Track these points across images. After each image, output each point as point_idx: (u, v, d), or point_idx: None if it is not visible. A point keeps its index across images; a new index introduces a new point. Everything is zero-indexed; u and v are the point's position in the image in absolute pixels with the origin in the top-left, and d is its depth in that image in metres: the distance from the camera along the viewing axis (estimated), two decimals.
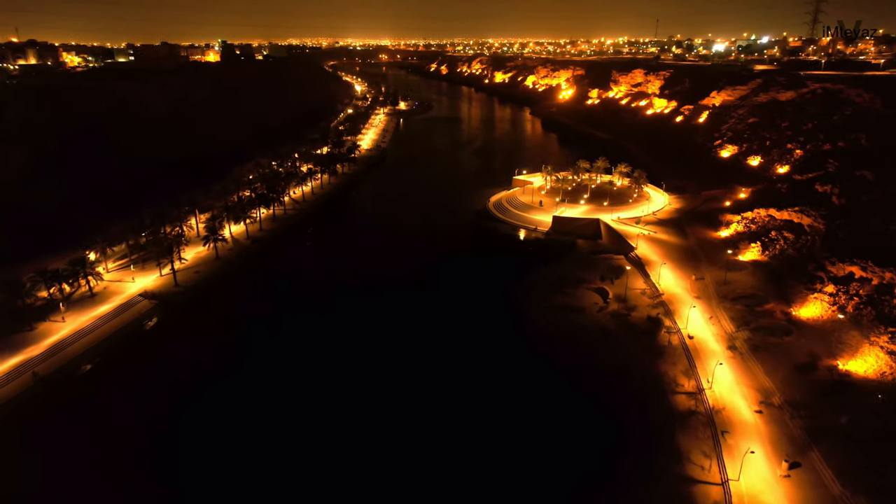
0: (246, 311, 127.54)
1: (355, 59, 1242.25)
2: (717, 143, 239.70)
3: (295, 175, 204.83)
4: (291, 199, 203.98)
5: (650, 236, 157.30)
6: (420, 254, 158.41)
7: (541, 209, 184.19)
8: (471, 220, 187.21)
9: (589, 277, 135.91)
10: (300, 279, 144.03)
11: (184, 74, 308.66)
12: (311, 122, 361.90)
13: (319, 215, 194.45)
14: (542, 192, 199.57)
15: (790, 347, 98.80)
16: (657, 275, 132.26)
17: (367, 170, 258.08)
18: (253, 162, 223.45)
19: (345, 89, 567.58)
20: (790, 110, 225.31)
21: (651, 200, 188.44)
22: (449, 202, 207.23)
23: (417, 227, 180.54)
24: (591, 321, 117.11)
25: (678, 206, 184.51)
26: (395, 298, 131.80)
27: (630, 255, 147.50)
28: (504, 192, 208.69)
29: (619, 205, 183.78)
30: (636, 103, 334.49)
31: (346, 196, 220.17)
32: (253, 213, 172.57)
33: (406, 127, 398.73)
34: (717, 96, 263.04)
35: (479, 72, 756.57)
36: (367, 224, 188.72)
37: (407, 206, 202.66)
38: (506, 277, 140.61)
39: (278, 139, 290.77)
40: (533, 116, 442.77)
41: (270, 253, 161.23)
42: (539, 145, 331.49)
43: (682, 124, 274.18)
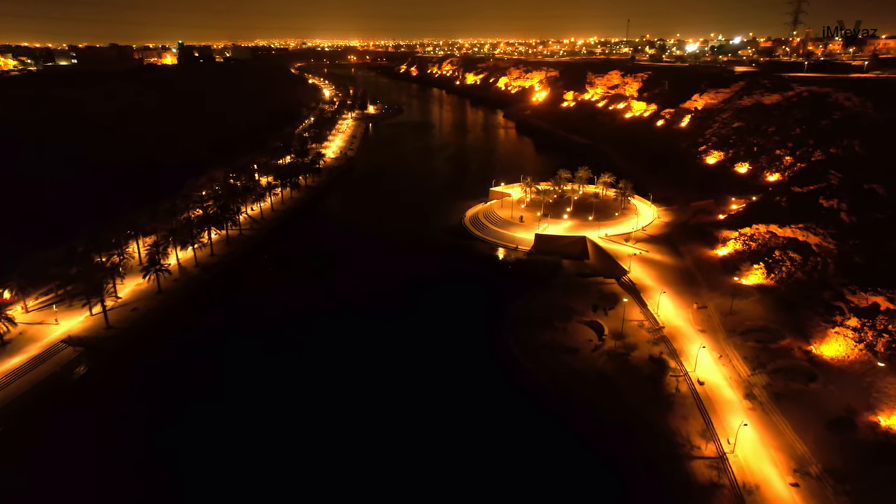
0: (190, 354, 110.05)
1: (323, 61, 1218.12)
2: (702, 148, 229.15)
3: (252, 190, 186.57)
4: (249, 216, 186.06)
5: (642, 256, 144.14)
6: (391, 284, 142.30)
7: (521, 225, 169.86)
8: (445, 238, 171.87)
9: (579, 307, 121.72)
10: (253, 316, 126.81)
11: (133, 78, 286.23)
12: (275, 128, 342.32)
13: (279, 236, 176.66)
14: (521, 205, 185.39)
15: (818, 397, 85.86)
16: (655, 303, 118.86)
17: (332, 181, 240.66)
18: (207, 175, 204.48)
19: (311, 92, 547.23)
20: (776, 114, 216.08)
21: (638, 214, 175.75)
22: (421, 218, 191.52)
23: (387, 250, 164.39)
24: (586, 363, 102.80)
25: (667, 220, 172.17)
26: (363, 337, 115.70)
27: (623, 279, 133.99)
28: (481, 206, 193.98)
29: (604, 219, 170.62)
30: (614, 106, 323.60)
31: (309, 212, 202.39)
32: (203, 237, 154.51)
33: (375, 132, 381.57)
34: (699, 99, 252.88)
35: (449, 73, 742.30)
36: (330, 245, 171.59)
37: (375, 224, 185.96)
38: (486, 308, 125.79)
39: (238, 148, 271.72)
40: (506, 120, 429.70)
41: (223, 283, 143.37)
42: (514, 151, 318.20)
43: (663, 129, 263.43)
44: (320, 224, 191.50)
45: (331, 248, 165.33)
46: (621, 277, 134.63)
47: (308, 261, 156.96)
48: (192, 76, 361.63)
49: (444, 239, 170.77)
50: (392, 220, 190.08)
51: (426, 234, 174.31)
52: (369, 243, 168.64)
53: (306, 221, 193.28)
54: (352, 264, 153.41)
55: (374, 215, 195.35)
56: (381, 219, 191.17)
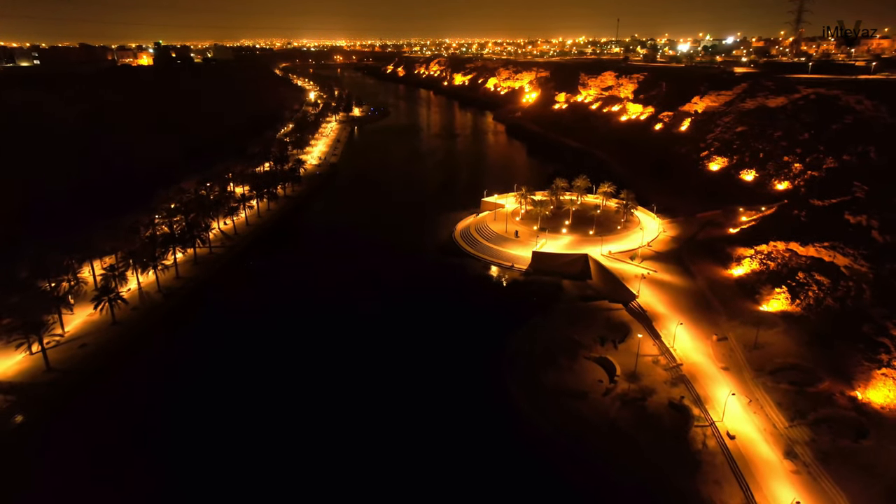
0: (144, 397, 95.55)
1: (309, 61, 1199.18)
2: (704, 154, 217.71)
3: (224, 203, 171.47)
4: (222, 231, 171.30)
5: (650, 276, 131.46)
6: (375, 312, 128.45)
7: (517, 241, 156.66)
8: (434, 255, 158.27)
9: (586, 340, 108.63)
10: (219, 349, 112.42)
11: (102, 81, 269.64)
12: (255, 132, 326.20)
13: (252, 254, 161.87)
14: (516, 217, 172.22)
15: (873, 458, 73.41)
16: (670, 335, 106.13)
17: (314, 190, 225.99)
18: (178, 185, 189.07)
19: (295, 94, 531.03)
20: (782, 118, 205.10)
21: (642, 227, 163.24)
22: (408, 232, 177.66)
23: (372, 271, 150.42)
24: (598, 411, 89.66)
25: (673, 234, 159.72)
26: (342, 376, 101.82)
27: (631, 304, 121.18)
28: (472, 218, 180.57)
29: (606, 233, 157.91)
30: (608, 108, 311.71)
31: (287, 226, 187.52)
32: (168, 258, 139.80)
33: (361, 136, 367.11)
34: (699, 102, 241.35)
35: (437, 73, 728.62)
36: (307, 265, 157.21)
37: (358, 241, 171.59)
38: (481, 340, 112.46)
39: (215, 154, 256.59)
40: (496, 122, 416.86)
41: (187, 310, 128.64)
42: (506, 156, 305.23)
43: (662, 133, 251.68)
44: (297, 240, 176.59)
45: (308, 270, 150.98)
46: (629, 302, 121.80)
47: (282, 286, 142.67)
48: (168, 78, 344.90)
49: (434, 256, 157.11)
50: (377, 234, 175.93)
51: (414, 251, 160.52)
52: (352, 264, 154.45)
53: (283, 238, 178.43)
54: (331, 288, 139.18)
55: (357, 229, 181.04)
56: (366, 234, 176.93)
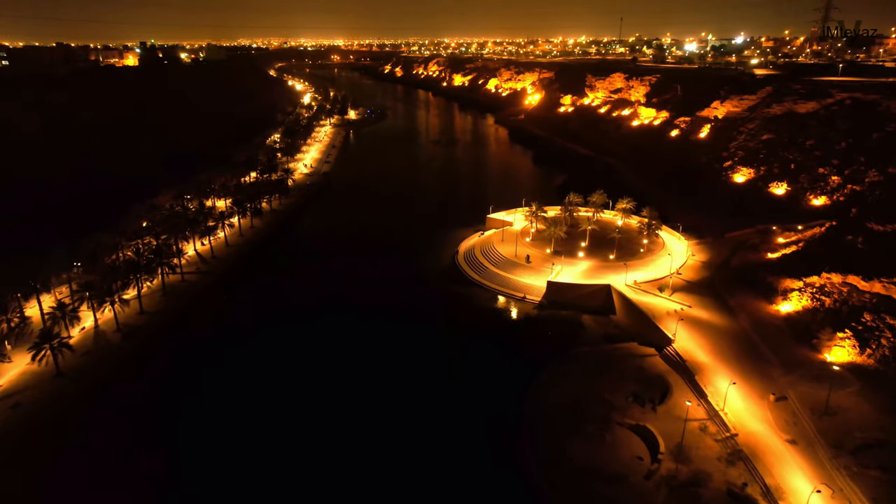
0: (89, 474, 77.81)
1: (305, 61, 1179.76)
2: (728, 164, 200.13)
3: (199, 222, 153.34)
4: (198, 253, 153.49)
5: (684, 313, 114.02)
6: (369, 358, 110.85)
7: (528, 267, 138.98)
8: (435, 283, 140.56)
9: (617, 399, 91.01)
10: (185, 404, 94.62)
11: (77, 84, 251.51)
12: (244, 137, 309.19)
13: (230, 282, 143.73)
14: (525, 238, 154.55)
15: None
16: (717, 393, 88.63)
17: (303, 204, 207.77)
18: (148, 202, 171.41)
19: (289, 96, 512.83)
20: (814, 125, 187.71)
21: (668, 250, 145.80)
22: (406, 254, 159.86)
23: (364, 305, 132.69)
24: (640, 501, 72.09)
25: (703, 259, 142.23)
26: (329, 438, 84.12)
27: (666, 350, 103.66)
28: (476, 238, 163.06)
29: (628, 257, 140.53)
30: (618, 112, 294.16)
31: (272, 246, 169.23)
32: (129, 290, 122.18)
33: (356, 141, 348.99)
34: (719, 107, 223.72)
35: (436, 74, 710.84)
36: (291, 295, 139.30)
37: (350, 266, 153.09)
38: (490, 393, 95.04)
39: (199, 163, 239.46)
40: (498, 125, 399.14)
41: (149, 355, 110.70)
42: (510, 164, 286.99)
43: (678, 140, 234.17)
44: (282, 263, 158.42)
45: (292, 301, 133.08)
46: (664, 347, 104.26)
47: (261, 321, 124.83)
48: (152, 80, 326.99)
49: (435, 284, 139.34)
50: (372, 257, 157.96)
51: (413, 278, 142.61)
52: (342, 294, 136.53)
53: (266, 261, 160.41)
54: (318, 326, 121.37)
55: (349, 251, 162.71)
56: (359, 256, 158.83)
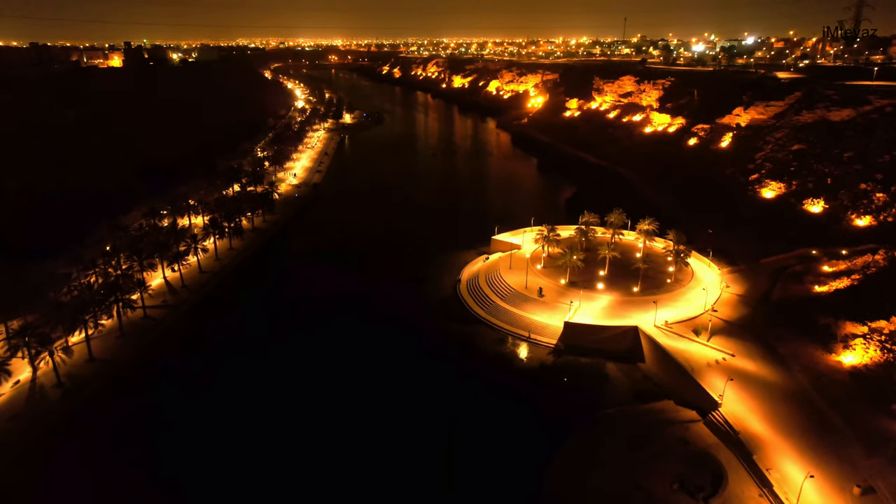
0: None
1: (302, 61, 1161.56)
2: (754, 177, 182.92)
3: (169, 246, 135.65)
4: (167, 281, 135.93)
5: (726, 363, 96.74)
6: (357, 426, 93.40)
7: (541, 301, 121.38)
8: (434, 318, 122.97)
9: (659, 489, 73.48)
10: (130, 474, 77.00)
11: (49, 87, 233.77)
12: (231, 144, 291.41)
13: (200, 318, 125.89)
14: (536, 265, 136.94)
15: None
16: (783, 479, 71.22)
17: (290, 220, 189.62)
18: (112, 222, 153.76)
19: (283, 98, 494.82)
20: (851, 135, 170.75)
21: (699, 280, 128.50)
22: (403, 282, 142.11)
23: (351, 350, 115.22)
24: None
25: (739, 291, 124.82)
26: None
27: (712, 415, 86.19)
28: (481, 262, 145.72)
29: (654, 289, 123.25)
30: (628, 118, 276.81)
31: (251, 271, 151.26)
32: (74, 336, 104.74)
33: (350, 147, 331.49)
34: (742, 114, 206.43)
35: (435, 75, 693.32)
36: (269, 336, 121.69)
37: (336, 296, 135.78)
38: (501, 472, 77.60)
39: (180, 174, 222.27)
40: (500, 130, 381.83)
41: (94, 416, 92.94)
42: (513, 173, 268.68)
43: (697, 149, 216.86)
44: (261, 293, 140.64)
45: (270, 343, 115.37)
46: (709, 412, 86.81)
47: (232, 369, 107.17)
48: (135, 82, 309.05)
49: (434, 320, 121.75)
50: (363, 286, 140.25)
51: (409, 314, 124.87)
52: (326, 334, 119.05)
53: (244, 289, 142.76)
54: (300, 374, 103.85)
55: (337, 280, 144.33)
56: (348, 285, 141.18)
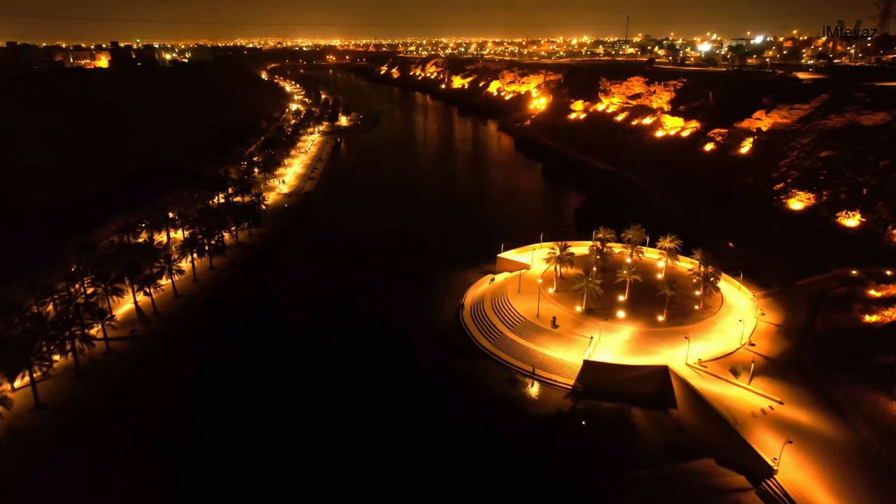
0: None
1: (299, 62, 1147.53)
2: (779, 187, 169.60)
3: (140, 268, 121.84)
4: (137, 307, 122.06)
5: (775, 413, 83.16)
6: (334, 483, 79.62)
7: (555, 333, 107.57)
8: (433, 351, 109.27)
9: None
10: None
11: (26, 88, 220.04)
12: (221, 149, 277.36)
13: (172, 351, 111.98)
14: (549, 289, 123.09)
15: None
16: None
17: (277, 234, 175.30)
18: (79, 239, 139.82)
19: (278, 100, 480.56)
20: (886, 140, 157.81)
21: (730, 307, 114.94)
22: (396, 305, 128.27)
23: (338, 395, 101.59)
24: None
25: (776, 320, 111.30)
26: None
27: (766, 484, 72.49)
28: (486, 284, 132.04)
29: (681, 318, 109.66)
30: (637, 121, 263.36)
31: (232, 296, 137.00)
32: (22, 377, 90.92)
33: (346, 151, 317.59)
34: (764, 117, 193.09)
35: (434, 75, 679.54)
36: (248, 372, 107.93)
37: (324, 324, 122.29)
38: None
39: (166, 181, 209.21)
40: (501, 133, 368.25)
41: (34, 482, 78.89)
42: (517, 180, 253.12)
43: (714, 155, 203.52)
44: (241, 323, 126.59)
45: (248, 381, 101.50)
46: (762, 479, 73.10)
47: (207, 410, 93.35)
48: (122, 84, 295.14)
49: (433, 354, 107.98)
50: (353, 311, 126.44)
51: (405, 346, 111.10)
52: (308, 374, 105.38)
53: (222, 318, 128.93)
54: (279, 421, 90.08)
55: (325, 305, 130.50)
56: (337, 311, 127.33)
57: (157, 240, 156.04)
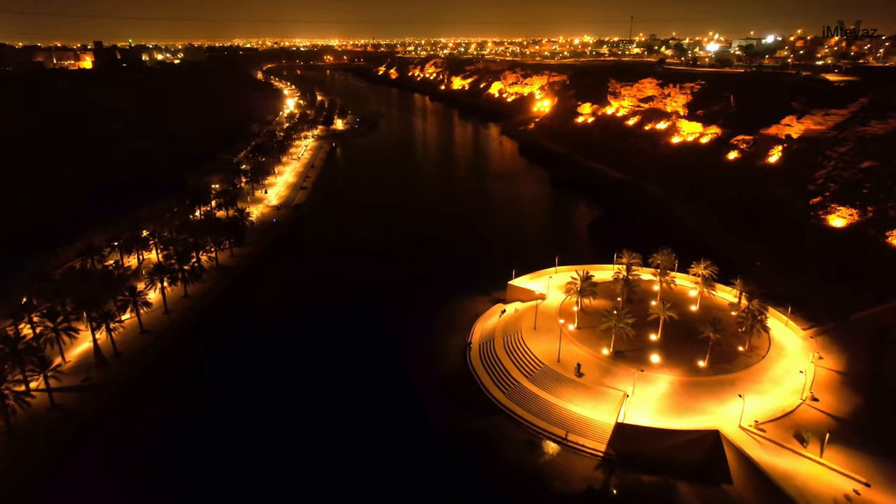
0: None
1: (296, 62, 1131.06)
2: (816, 201, 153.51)
3: (98, 303, 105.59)
4: (95, 347, 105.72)
5: (860, 500, 67.27)
6: None
7: (579, 384, 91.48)
8: (436, 402, 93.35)
9: None
10: None
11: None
12: (208, 154, 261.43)
13: (130, 408, 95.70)
14: (569, 325, 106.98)
15: None
16: None
17: (262, 255, 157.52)
18: (31, 267, 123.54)
19: (272, 102, 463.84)
20: None
21: (781, 349, 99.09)
22: (391, 340, 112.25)
23: (322, 463, 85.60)
24: None
25: (836, 366, 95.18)
26: None
27: None
28: (495, 317, 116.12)
29: (726, 363, 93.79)
30: (651, 125, 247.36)
31: (207, 329, 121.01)
32: None
33: (342, 158, 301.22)
34: (795, 123, 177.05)
35: (433, 76, 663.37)
36: (221, 430, 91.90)
37: (307, 368, 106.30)
38: None
39: (143, 192, 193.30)
40: (504, 137, 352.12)
41: None
42: (524, 192, 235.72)
43: (739, 164, 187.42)
44: (216, 363, 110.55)
45: (221, 440, 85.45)
46: None
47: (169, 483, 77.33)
48: (104, 86, 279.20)
49: (436, 409, 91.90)
50: (346, 355, 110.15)
51: (403, 396, 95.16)
52: (287, 433, 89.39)
53: (193, 358, 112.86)
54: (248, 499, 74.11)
55: (310, 341, 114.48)
56: (323, 349, 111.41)
57: (128, 263, 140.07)
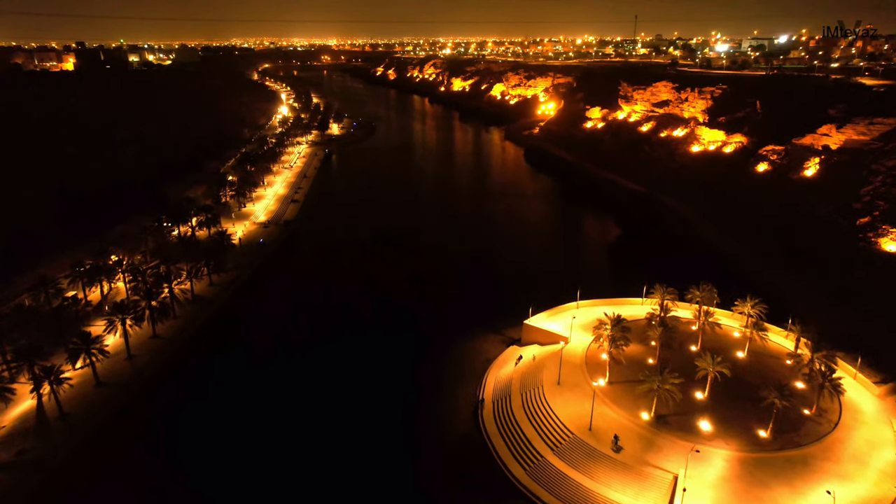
0: None
1: (293, 62, 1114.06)
2: (863, 221, 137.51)
3: (40, 353, 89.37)
4: (39, 406, 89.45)
5: None
6: None
7: (618, 462, 75.28)
8: (439, 478, 77.25)
9: None
10: None
11: None
12: (195, 165, 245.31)
13: (77, 486, 79.25)
14: (599, 378, 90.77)
15: None
16: None
17: (243, 285, 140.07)
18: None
19: (266, 105, 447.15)
20: None
21: (853, 411, 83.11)
22: (388, 399, 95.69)
23: None
24: None
25: None
26: None
27: None
28: (511, 365, 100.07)
29: (791, 433, 77.85)
30: (667, 132, 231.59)
31: (173, 387, 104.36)
32: None
33: (337, 166, 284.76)
34: (834, 133, 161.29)
35: (432, 77, 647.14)
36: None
37: (297, 432, 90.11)
38: None
39: (121, 208, 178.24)
40: (507, 142, 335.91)
41: None
42: (533, 206, 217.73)
43: (770, 177, 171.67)
44: (181, 429, 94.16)
45: None
46: None
47: None
48: (84, 89, 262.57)
49: (440, 493, 75.68)
50: (334, 415, 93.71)
51: (398, 479, 78.81)
52: None
53: (158, 415, 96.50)
54: None
55: (295, 394, 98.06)
56: (309, 406, 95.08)
57: (91, 296, 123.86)
